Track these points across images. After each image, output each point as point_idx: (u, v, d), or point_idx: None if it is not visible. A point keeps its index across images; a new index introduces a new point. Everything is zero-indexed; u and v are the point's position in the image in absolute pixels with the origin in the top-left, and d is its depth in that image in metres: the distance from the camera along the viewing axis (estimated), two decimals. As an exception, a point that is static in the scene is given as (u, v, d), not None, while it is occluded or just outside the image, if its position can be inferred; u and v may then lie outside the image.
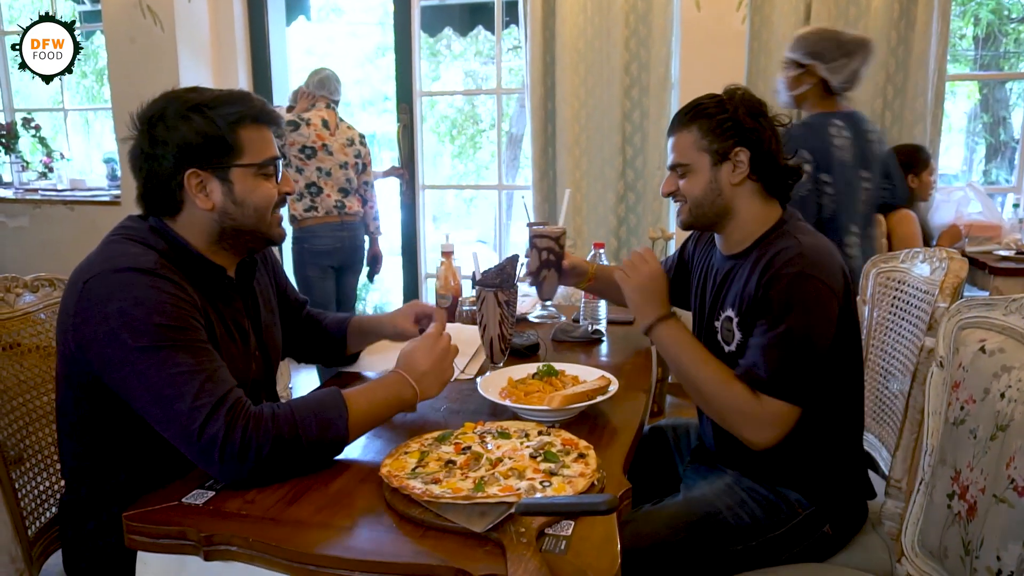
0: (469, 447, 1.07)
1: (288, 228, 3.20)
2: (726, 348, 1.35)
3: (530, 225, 1.60)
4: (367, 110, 7.64)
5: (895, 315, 1.63)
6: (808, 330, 1.21)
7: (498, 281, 1.38)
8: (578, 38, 3.24)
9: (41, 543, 1.28)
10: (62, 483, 1.29)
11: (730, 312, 1.33)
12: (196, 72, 3.66)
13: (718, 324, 1.38)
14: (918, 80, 2.99)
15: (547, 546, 0.86)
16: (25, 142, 4.32)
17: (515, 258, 1.41)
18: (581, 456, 1.03)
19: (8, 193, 4.01)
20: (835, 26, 2.96)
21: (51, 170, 4.25)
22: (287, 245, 3.34)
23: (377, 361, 1.57)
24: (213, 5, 3.73)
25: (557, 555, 0.84)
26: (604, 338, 1.78)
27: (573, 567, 0.82)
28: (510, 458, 1.03)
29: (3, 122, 4.27)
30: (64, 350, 1.10)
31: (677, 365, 1.32)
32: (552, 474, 0.99)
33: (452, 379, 1.25)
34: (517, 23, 3.41)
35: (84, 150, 5.06)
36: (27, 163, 4.25)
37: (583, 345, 1.72)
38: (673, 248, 3.18)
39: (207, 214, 1.15)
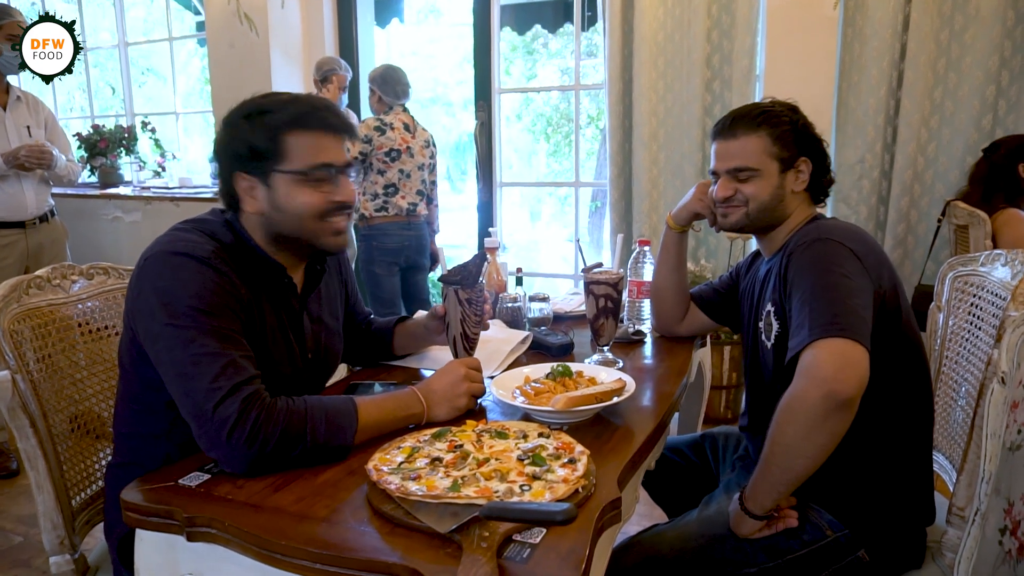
0: (462, 445, 1.05)
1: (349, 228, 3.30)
2: (768, 344, 1.30)
3: (585, 271, 1.48)
4: (468, 109, 7.79)
5: (971, 324, 1.46)
6: (834, 278, 1.13)
7: (458, 278, 1.32)
8: (657, 31, 3.13)
9: (86, 513, 1.37)
10: (109, 454, 1.38)
11: (768, 306, 1.30)
12: (287, 74, 3.83)
13: (761, 324, 1.33)
14: (1039, 63, 2.68)
15: (511, 553, 0.82)
16: (144, 144, 4.69)
17: (481, 256, 1.34)
18: (571, 461, 0.99)
19: (127, 190, 4.36)
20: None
21: (164, 169, 4.59)
22: (356, 242, 3.47)
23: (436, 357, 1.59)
24: (305, 10, 3.90)
25: (517, 563, 0.81)
26: (646, 339, 1.70)
27: (530, 577, 0.78)
28: (497, 459, 1.00)
29: (125, 126, 4.66)
30: (125, 320, 1.18)
31: (780, 474, 1.12)
32: (535, 478, 0.95)
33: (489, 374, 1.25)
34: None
35: (203, 151, 5.42)
36: (143, 163, 4.61)
37: (623, 346, 1.65)
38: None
39: (257, 216, 1.19)
